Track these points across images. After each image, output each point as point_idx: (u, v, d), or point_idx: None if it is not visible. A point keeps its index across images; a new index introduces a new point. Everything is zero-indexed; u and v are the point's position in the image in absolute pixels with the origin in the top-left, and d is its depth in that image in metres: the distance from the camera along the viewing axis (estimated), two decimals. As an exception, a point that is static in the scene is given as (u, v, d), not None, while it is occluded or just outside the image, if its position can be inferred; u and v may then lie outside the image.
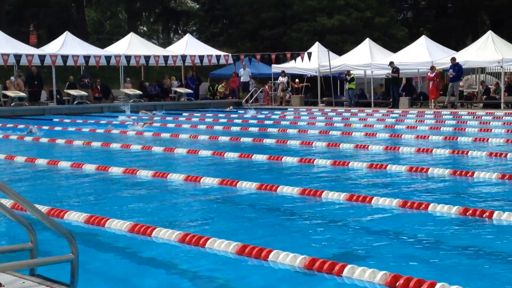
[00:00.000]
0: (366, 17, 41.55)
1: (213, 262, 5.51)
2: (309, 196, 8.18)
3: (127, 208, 7.85)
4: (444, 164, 11.17)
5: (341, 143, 14.37)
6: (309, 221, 7.09)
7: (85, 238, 6.18)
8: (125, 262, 5.72)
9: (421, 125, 19.08)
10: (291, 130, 18.32)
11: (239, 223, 7.09)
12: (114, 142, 15.08)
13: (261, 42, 42.93)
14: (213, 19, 50.17)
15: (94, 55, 29.47)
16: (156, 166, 11.44)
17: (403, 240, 6.24)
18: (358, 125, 19.63)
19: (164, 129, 19.14)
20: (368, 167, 10.75)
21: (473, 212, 6.92)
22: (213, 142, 15.74)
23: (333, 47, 35.37)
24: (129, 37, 33.07)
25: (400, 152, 12.99)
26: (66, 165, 11.32)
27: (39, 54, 28.22)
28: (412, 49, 29.62)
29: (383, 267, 4.98)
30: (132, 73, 34.45)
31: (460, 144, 14.48)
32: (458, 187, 9.27)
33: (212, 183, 9.25)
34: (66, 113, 26.64)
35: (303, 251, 5.38)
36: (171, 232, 5.98)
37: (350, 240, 6.28)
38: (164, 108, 29.99)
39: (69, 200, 8.45)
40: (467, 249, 5.83)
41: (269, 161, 11.87)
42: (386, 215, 7.26)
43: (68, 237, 4.19)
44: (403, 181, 9.63)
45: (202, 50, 34.09)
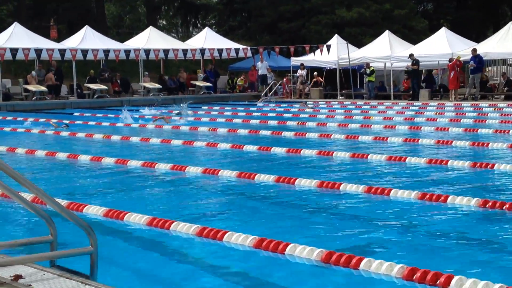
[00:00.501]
0: (385, 9, 41.27)
1: (230, 255, 5.53)
2: (327, 188, 8.16)
3: (146, 202, 7.89)
4: (464, 156, 11.09)
5: (360, 135, 14.32)
6: (327, 214, 7.09)
7: (104, 231, 6.22)
8: (143, 255, 5.75)
9: (441, 117, 18.94)
10: (310, 123, 18.27)
11: (257, 216, 7.10)
12: (133, 136, 15.14)
13: (279, 35, 42.81)
14: (231, 12, 50.14)
15: (114, 49, 29.60)
16: (175, 159, 11.48)
17: (421, 233, 6.20)
18: (378, 118, 19.53)
19: (183, 122, 19.17)
20: (387, 160, 10.69)
21: (492, 204, 6.86)
22: (232, 135, 15.75)
23: (352, 39, 35.19)
24: (148, 31, 33.16)
25: (420, 144, 12.92)
26: (86, 159, 11.40)
27: (59, 49, 28.42)
28: (432, 41, 29.38)
29: (401, 260, 4.96)
30: (151, 67, 34.56)
31: (480, 136, 14.35)
32: (478, 179, 9.19)
33: (230, 176, 9.26)
34: (86, 107, 26.81)
35: (320, 244, 5.38)
36: (188, 225, 6.00)
37: (368, 232, 6.26)
38: (183, 101, 29.99)
39: (89, 193, 8.52)
40: (486, 242, 5.79)
41: (287, 154, 11.86)
42: (405, 207, 7.22)
43: (87, 230, 4.22)
44: (422, 174, 9.59)
45: (221, 43, 34.09)
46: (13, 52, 26.73)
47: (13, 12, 43.11)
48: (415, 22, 42.70)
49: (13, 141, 14.76)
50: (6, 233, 6.45)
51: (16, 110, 25.50)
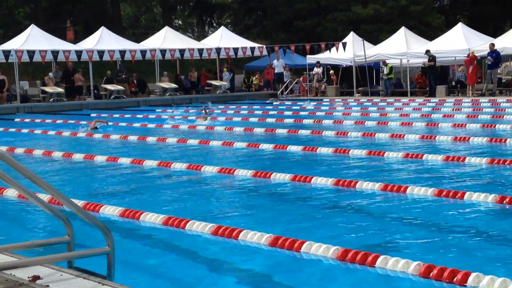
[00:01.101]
0: (401, 6, 41.08)
1: (246, 254, 5.53)
2: (343, 186, 8.14)
3: (162, 201, 7.91)
4: (482, 152, 11.01)
5: (376, 133, 14.26)
6: (342, 212, 7.07)
7: (120, 231, 6.25)
8: (160, 255, 5.77)
9: (458, 114, 18.81)
10: (327, 121, 18.23)
11: (273, 214, 7.10)
12: (150, 136, 15.20)
13: (295, 33, 42.77)
14: (247, 11, 50.16)
15: (130, 50, 29.72)
16: (191, 158, 11.50)
17: (438, 230, 6.17)
18: (394, 115, 19.44)
19: (196, 121, 19.20)
20: (404, 157, 10.64)
21: (510, 200, 6.81)
22: (248, 133, 15.76)
23: (368, 36, 35.03)
24: (164, 31, 33.25)
25: (437, 141, 12.85)
26: (102, 159, 11.45)
27: (76, 50, 28.60)
28: (448, 36, 29.17)
29: (418, 257, 4.94)
30: (167, 66, 34.66)
31: (498, 132, 14.25)
32: (495, 175, 9.12)
33: (246, 175, 9.26)
34: (103, 107, 26.94)
35: (337, 242, 5.37)
36: (204, 224, 6.01)
37: (384, 230, 6.24)
38: (199, 101, 30.12)
39: (105, 193, 8.56)
40: (503, 238, 5.75)
41: (304, 152, 11.84)
42: (421, 204, 7.18)
43: (104, 230, 4.24)
44: (439, 171, 9.53)
45: (237, 42, 34.10)
46: (30, 54, 26.92)
47: (30, 14, 43.44)
48: (431, 18, 42.47)
49: (36, 143, 14.86)
50: (24, 234, 6.50)
51: (33, 111, 25.67)
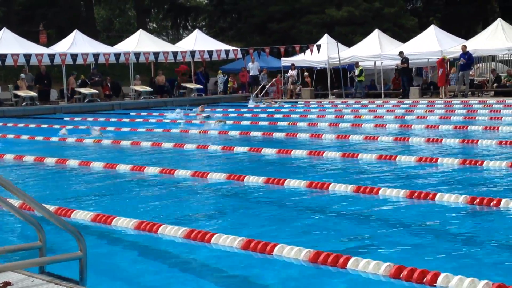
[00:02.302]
0: (375, 8, 41.38)
1: (219, 257, 5.52)
2: (316, 188, 8.17)
3: (135, 205, 7.87)
4: (454, 153, 11.12)
5: (350, 135, 14.34)
6: (315, 214, 7.10)
7: (93, 236, 6.21)
8: (132, 259, 5.75)
9: (431, 115, 18.98)
10: (301, 123, 18.28)
11: (246, 217, 7.11)
12: (124, 140, 15.11)
13: (270, 36, 42.85)
14: (222, 14, 50.16)
15: (104, 53, 29.56)
16: (165, 162, 11.47)
17: (410, 231, 6.21)
18: (368, 117, 19.57)
19: (173, 125, 19.14)
20: (377, 158, 10.71)
21: (480, 201, 6.89)
22: (223, 136, 15.74)
23: (342, 38, 35.23)
24: (138, 34, 33.13)
25: (410, 142, 12.95)
26: (74, 164, 11.37)
27: (49, 53, 28.37)
28: (421, 38, 29.46)
29: (390, 258, 4.97)
30: (142, 70, 34.50)
31: (470, 133, 14.41)
32: (467, 176, 9.22)
33: (219, 178, 9.26)
34: (77, 111, 26.74)
35: (309, 244, 5.39)
36: (177, 228, 5.99)
37: (356, 232, 6.27)
38: (174, 104, 30.04)
39: (77, 198, 8.49)
40: (474, 239, 5.81)
41: (278, 155, 11.86)
42: (393, 206, 7.24)
43: (76, 235, 4.22)
44: (412, 172, 9.60)
45: (211, 45, 34.09)
46: (2, 58, 26.65)
47: (2, 17, 42.98)
48: (404, 20, 42.83)
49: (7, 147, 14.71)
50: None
51: (6, 116, 25.39)
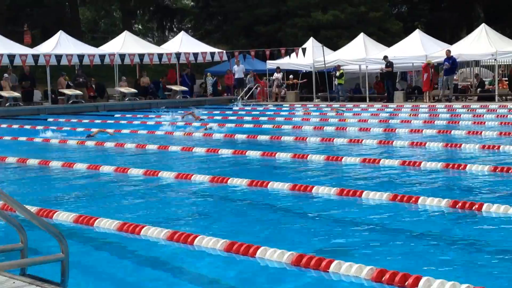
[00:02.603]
0: (361, 12, 41.52)
1: (201, 259, 5.51)
2: (300, 191, 8.18)
3: (118, 207, 7.84)
4: (437, 157, 11.18)
5: (335, 138, 14.37)
6: (298, 217, 7.10)
7: (75, 238, 6.18)
8: (115, 261, 5.72)
9: (415, 119, 19.08)
10: (286, 126, 18.30)
11: (229, 220, 7.10)
12: (107, 141, 15.05)
13: (256, 39, 42.89)
14: (208, 16, 50.11)
15: (88, 54, 29.45)
16: (149, 164, 11.43)
17: (392, 234, 6.24)
18: (353, 120, 19.62)
19: (158, 126, 19.08)
20: (361, 162, 10.74)
21: (462, 205, 6.93)
22: (208, 138, 15.72)
23: (328, 42, 35.32)
24: (123, 36, 33.04)
25: (394, 146, 13.00)
26: (57, 165, 11.31)
27: (33, 54, 28.20)
28: (406, 43, 29.61)
29: (372, 262, 4.99)
30: (127, 71, 34.41)
31: (453, 137, 14.49)
32: (450, 180, 9.28)
33: (203, 180, 9.24)
34: (61, 112, 26.60)
35: (292, 247, 5.39)
36: (159, 230, 5.98)
37: (339, 235, 6.29)
38: (159, 106, 29.97)
39: (60, 199, 8.45)
40: (455, 242, 5.84)
41: (263, 157, 11.87)
42: (376, 209, 7.26)
43: (58, 237, 4.20)
44: (396, 175, 9.64)
45: (197, 47, 34.07)
46: (-14, 58, 26.49)
47: (-14, 18, 42.72)
48: (389, 24, 43.01)
49: None
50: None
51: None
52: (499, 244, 5.73)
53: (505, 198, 7.59)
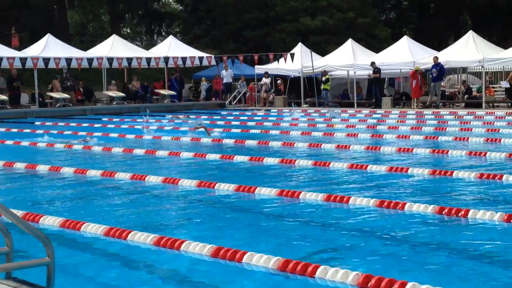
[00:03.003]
0: (349, 18, 41.70)
1: (188, 264, 5.51)
2: (287, 197, 8.19)
3: (105, 211, 7.82)
4: (424, 163, 11.22)
5: (323, 143, 14.40)
6: (285, 222, 7.11)
7: (61, 242, 6.15)
8: (101, 266, 5.70)
9: (402, 125, 19.15)
10: (274, 131, 18.32)
11: (216, 225, 7.09)
12: (94, 145, 15.00)
13: (244, 43, 42.96)
14: (196, 21, 50.11)
15: (76, 58, 29.34)
16: (136, 168, 11.40)
17: (379, 240, 6.26)
18: (341, 126, 19.68)
19: (146, 130, 19.05)
20: (349, 167, 10.77)
21: (448, 211, 6.96)
22: (195, 143, 15.71)
23: (316, 47, 35.44)
24: (112, 39, 32.97)
25: (381, 152, 13.04)
26: (44, 169, 11.26)
27: (20, 57, 28.07)
28: (394, 49, 29.74)
29: (358, 267, 5.00)
30: (115, 75, 34.33)
31: (440, 143, 14.56)
32: (437, 186, 9.31)
33: (190, 185, 9.23)
34: (49, 116, 26.49)
35: (279, 252, 5.40)
36: (146, 235, 5.96)
37: (326, 240, 6.30)
38: (147, 110, 29.93)
39: (46, 204, 8.41)
40: (441, 248, 5.86)
41: (251, 162, 11.87)
42: (363, 215, 7.28)
43: (44, 241, 4.18)
44: (383, 181, 9.67)
45: (185, 51, 34.06)
46: (-27, 61, 26.34)
47: (-27, 20, 42.51)
48: (378, 30, 43.24)
49: None
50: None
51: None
52: (485, 250, 5.76)
53: (490, 205, 7.64)
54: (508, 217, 6.61)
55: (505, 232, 6.43)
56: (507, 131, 16.95)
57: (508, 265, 5.37)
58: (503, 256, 5.61)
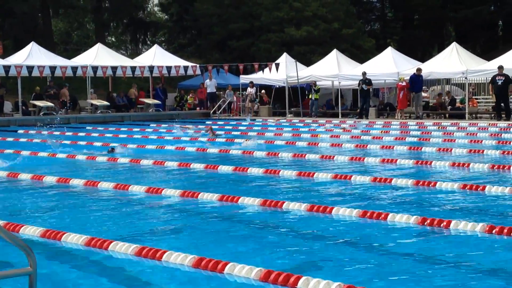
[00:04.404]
0: (334, 29, 41.89)
1: (169, 275, 5.46)
2: (270, 207, 8.16)
3: (87, 221, 7.75)
4: (408, 174, 11.26)
5: (307, 153, 14.41)
6: (268, 233, 7.08)
7: (43, 252, 6.10)
8: (82, 276, 5.65)
9: (387, 136, 19.22)
10: (258, 141, 18.29)
11: (199, 235, 7.05)
12: (78, 154, 14.91)
13: (229, 53, 43.01)
14: (181, 30, 50.16)
15: (60, 66, 29.23)
16: (119, 177, 11.34)
17: (361, 251, 6.24)
18: (325, 136, 19.70)
19: (130, 140, 18.99)
20: (333, 178, 10.78)
21: (431, 222, 6.97)
22: (180, 152, 15.66)
23: (301, 58, 35.57)
24: (96, 48, 32.89)
25: (365, 162, 13.06)
26: (27, 177, 11.16)
27: (4, 65, 27.91)
28: (378, 60, 29.91)
29: (340, 278, 4.98)
30: (99, 84, 34.24)
31: (424, 154, 14.62)
32: (420, 197, 9.32)
33: (173, 194, 9.19)
34: (32, 124, 26.31)
35: (261, 263, 5.37)
36: (127, 245, 5.92)
37: (308, 251, 6.27)
38: (131, 119, 29.89)
39: (28, 213, 8.34)
40: (422, 259, 5.86)
41: (234, 172, 11.84)
42: (346, 226, 7.28)
43: (26, 250, 4.12)
44: (366, 192, 9.68)
45: (170, 60, 34.04)
46: (-44, 69, 26.16)
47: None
48: (362, 41, 43.46)
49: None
50: None
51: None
52: (466, 261, 5.77)
53: (473, 215, 7.66)
54: (490, 228, 6.64)
55: (486, 243, 6.45)
56: (490, 142, 17.07)
57: (489, 275, 5.38)
58: (484, 267, 5.62)
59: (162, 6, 54.09)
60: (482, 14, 46.57)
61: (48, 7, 45.93)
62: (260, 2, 42.77)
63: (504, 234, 6.49)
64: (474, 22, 47.28)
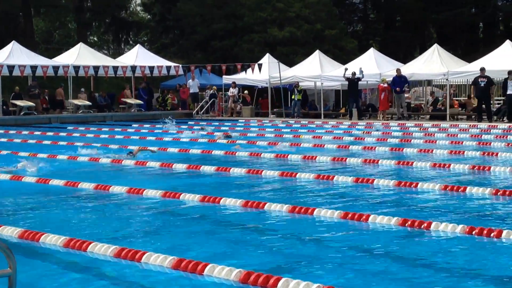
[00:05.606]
0: (317, 29, 41.94)
1: (149, 276, 5.42)
2: (252, 208, 8.14)
3: (66, 222, 7.69)
4: (390, 175, 11.30)
5: (289, 154, 14.40)
6: (249, 234, 7.06)
7: (21, 253, 6.03)
8: (61, 277, 5.60)
9: (368, 137, 19.27)
10: (241, 141, 18.27)
11: (179, 236, 7.01)
12: (60, 154, 14.79)
13: (212, 53, 42.91)
14: (164, 30, 49.96)
15: (41, 65, 29.00)
16: (100, 178, 11.25)
17: (342, 252, 6.24)
18: (307, 137, 19.71)
19: (112, 140, 18.88)
20: (315, 178, 10.78)
21: (411, 223, 6.99)
22: (162, 153, 15.57)
23: (284, 58, 35.57)
24: (78, 47, 32.68)
25: (348, 163, 13.08)
26: (5, 178, 11.05)
27: (-16, 64, 27.67)
28: (361, 61, 29.96)
29: (321, 279, 4.98)
30: (81, 83, 34.02)
31: (406, 155, 14.67)
32: (401, 198, 9.35)
33: (155, 195, 9.14)
34: (12, 124, 26.12)
35: (241, 264, 5.35)
36: (107, 246, 5.87)
37: (289, 252, 6.26)
38: (113, 119, 29.75)
39: (6, 214, 8.26)
40: (403, 260, 5.88)
41: (217, 173, 11.81)
42: (327, 227, 7.28)
43: (6, 252, 4.07)
44: (348, 192, 9.69)
45: (153, 60, 33.92)
46: None
47: None
48: (345, 42, 43.53)
49: None
50: None
51: None
52: (446, 262, 5.79)
53: (453, 216, 7.69)
54: (470, 229, 6.66)
55: (466, 244, 6.47)
56: (470, 143, 17.18)
57: (469, 277, 5.39)
58: (464, 268, 5.64)
59: (144, 5, 53.87)
60: (463, 16, 46.86)
61: (29, 6, 45.59)
62: (243, 2, 42.72)
63: (484, 236, 6.52)
64: (455, 24, 47.59)
